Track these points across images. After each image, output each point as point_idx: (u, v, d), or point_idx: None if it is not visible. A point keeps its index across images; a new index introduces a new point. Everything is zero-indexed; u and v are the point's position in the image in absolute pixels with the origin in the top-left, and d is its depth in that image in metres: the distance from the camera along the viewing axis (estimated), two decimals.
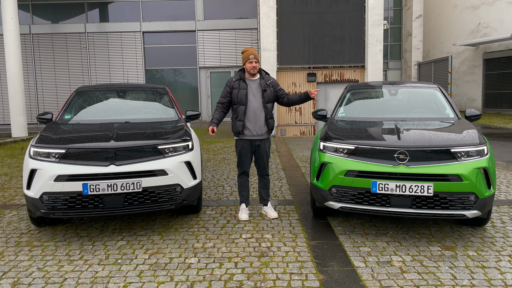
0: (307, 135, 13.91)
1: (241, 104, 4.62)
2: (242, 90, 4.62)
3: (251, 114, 4.63)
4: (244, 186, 4.89)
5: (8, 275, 3.40)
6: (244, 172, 4.85)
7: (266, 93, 4.66)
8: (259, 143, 4.73)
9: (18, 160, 9.42)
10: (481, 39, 19.54)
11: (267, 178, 4.92)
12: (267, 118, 4.68)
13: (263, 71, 4.81)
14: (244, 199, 4.88)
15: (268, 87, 4.68)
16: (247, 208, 4.85)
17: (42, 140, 4.26)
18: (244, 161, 4.78)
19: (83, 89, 5.72)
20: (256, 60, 4.59)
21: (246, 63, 4.62)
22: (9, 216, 5.04)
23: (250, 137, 4.68)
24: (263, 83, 4.68)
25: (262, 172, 4.89)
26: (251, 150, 4.75)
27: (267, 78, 4.75)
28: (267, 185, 4.92)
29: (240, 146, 4.74)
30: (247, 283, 3.19)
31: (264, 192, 4.92)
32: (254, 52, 4.61)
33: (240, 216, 4.72)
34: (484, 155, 3.94)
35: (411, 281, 3.19)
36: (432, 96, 5.36)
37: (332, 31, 13.46)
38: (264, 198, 4.92)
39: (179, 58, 19.52)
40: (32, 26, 19.22)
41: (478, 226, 4.38)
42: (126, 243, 4.07)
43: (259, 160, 4.83)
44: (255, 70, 4.61)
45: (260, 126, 4.66)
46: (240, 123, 4.63)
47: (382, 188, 3.83)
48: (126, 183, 3.94)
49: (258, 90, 4.66)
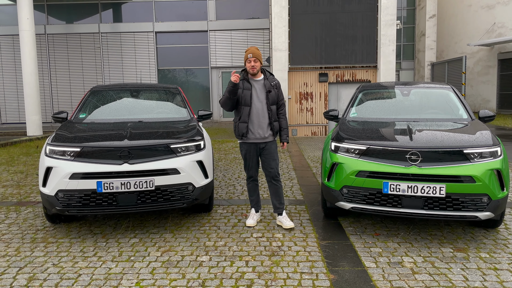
0: (318, 135, 13.89)
1: (246, 105, 4.37)
2: (246, 91, 4.37)
3: (254, 116, 4.39)
4: (252, 191, 4.67)
5: (24, 271, 3.48)
6: (251, 177, 4.63)
7: (271, 95, 4.41)
8: (264, 145, 4.47)
9: (33, 158, 9.59)
10: (496, 39, 19.26)
11: (277, 184, 4.54)
12: (271, 121, 4.43)
13: (267, 72, 4.57)
14: (253, 204, 4.67)
15: (273, 88, 4.44)
16: (257, 213, 4.66)
17: (57, 138, 4.34)
18: (250, 165, 4.55)
19: (98, 88, 5.81)
20: (256, 59, 4.33)
21: (246, 62, 4.39)
22: (25, 213, 5.14)
23: (254, 140, 4.44)
24: (267, 84, 4.43)
25: (270, 177, 4.54)
26: (256, 153, 4.51)
27: (271, 79, 4.51)
28: (278, 191, 4.55)
29: (245, 150, 4.52)
30: (258, 282, 3.22)
31: (276, 199, 4.56)
32: (254, 51, 4.36)
33: (247, 221, 4.57)
34: (498, 156, 3.90)
35: (422, 282, 3.18)
36: (445, 97, 5.32)
37: (344, 31, 13.42)
38: (277, 207, 4.55)
39: (191, 58, 19.63)
40: (47, 26, 19.51)
41: (491, 228, 4.34)
42: (139, 241, 4.13)
43: (265, 163, 4.52)
44: (254, 69, 4.35)
45: (264, 129, 4.41)
46: (244, 124, 4.39)
47: (393, 189, 3.82)
48: (139, 181, 4.00)
49: (262, 91, 4.40)
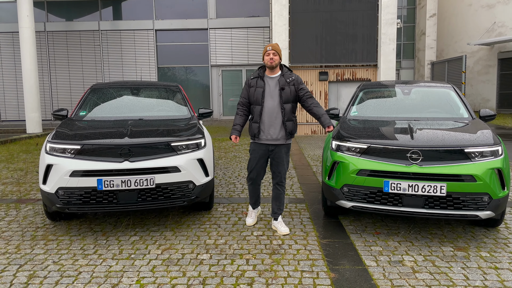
0: (318, 134, 13.88)
1: (257, 104, 4.20)
2: (259, 89, 4.19)
3: (266, 116, 4.18)
4: (252, 192, 4.51)
5: (24, 268, 3.47)
6: (251, 179, 4.41)
7: (284, 92, 4.16)
8: (274, 148, 4.24)
9: (33, 155, 9.57)
10: (496, 38, 19.25)
11: (280, 189, 4.34)
12: (284, 120, 4.17)
13: (285, 67, 4.34)
14: (252, 202, 4.55)
15: (288, 85, 4.18)
16: (255, 210, 4.57)
17: (58, 136, 4.33)
18: (253, 166, 4.33)
19: (98, 86, 5.80)
20: (275, 52, 4.14)
21: (264, 55, 4.20)
22: (25, 210, 5.14)
23: (265, 141, 4.23)
24: (282, 80, 4.19)
25: (275, 180, 4.35)
26: (264, 156, 4.29)
27: (288, 75, 4.24)
28: (280, 196, 4.35)
29: (252, 149, 4.33)
30: (258, 280, 3.22)
31: (276, 204, 4.37)
32: (274, 45, 4.20)
33: (247, 220, 4.52)
34: (499, 155, 3.90)
35: (423, 281, 3.18)
36: (446, 96, 5.32)
37: (344, 29, 13.40)
38: (275, 212, 4.37)
39: (191, 56, 19.61)
40: (47, 24, 19.47)
41: (492, 227, 4.34)
42: (139, 239, 4.12)
43: (273, 166, 4.33)
44: (272, 62, 4.13)
45: (275, 130, 4.18)
46: (256, 125, 4.21)
47: (394, 188, 3.82)
48: (140, 179, 3.99)
49: (275, 88, 4.19)
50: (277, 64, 4.21)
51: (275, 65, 4.18)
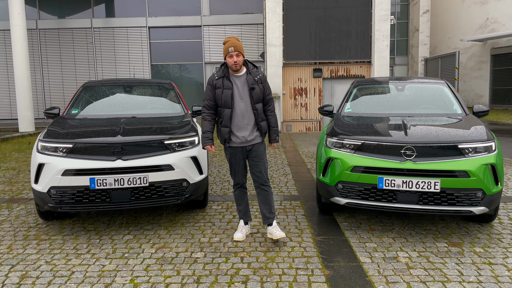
0: (313, 131, 13.88)
1: (226, 107, 3.82)
2: (227, 90, 3.80)
3: (238, 119, 3.83)
4: (240, 199, 4.10)
5: (16, 268, 3.43)
6: (238, 184, 4.07)
7: (255, 92, 3.82)
8: (251, 147, 3.92)
9: (25, 154, 9.49)
10: (489, 34, 19.34)
11: (267, 190, 3.98)
12: (258, 121, 3.87)
13: (250, 64, 3.95)
14: (241, 215, 4.13)
15: (257, 84, 3.84)
16: (246, 225, 4.12)
17: (49, 134, 4.29)
18: (236, 170, 4.00)
19: (90, 84, 5.74)
20: (238, 53, 3.75)
21: (226, 57, 3.78)
22: (17, 210, 5.08)
23: (239, 144, 3.90)
24: (250, 79, 3.83)
25: (258, 183, 3.98)
26: (243, 156, 3.96)
27: (255, 72, 3.89)
28: (268, 198, 3.97)
29: (230, 154, 3.97)
30: (253, 278, 3.21)
31: (265, 208, 3.96)
32: (236, 43, 3.76)
33: (235, 235, 4.03)
34: (492, 151, 3.91)
35: (417, 277, 3.19)
36: (440, 92, 5.32)
37: (338, 26, 13.40)
38: (267, 217, 3.95)
39: (185, 54, 19.51)
40: (39, 21, 19.27)
41: (485, 223, 4.36)
42: (133, 237, 4.09)
43: (252, 167, 3.96)
44: (237, 65, 3.76)
45: (248, 131, 3.86)
46: (226, 129, 3.85)
47: (388, 184, 3.82)
48: (133, 177, 3.96)
49: (244, 89, 3.83)
50: (241, 65, 3.85)
51: (240, 67, 3.82)
